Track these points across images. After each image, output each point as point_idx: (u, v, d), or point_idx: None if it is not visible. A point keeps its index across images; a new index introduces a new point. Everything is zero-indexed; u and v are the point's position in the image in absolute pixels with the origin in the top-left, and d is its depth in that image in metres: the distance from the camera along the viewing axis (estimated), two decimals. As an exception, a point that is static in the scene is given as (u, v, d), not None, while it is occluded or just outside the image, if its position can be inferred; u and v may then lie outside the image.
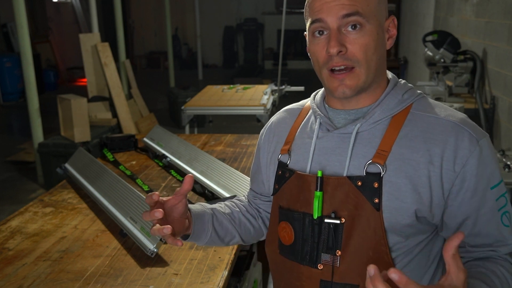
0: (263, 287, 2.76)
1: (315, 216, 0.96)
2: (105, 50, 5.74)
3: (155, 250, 1.51)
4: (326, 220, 0.95)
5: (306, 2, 0.97)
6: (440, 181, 0.91)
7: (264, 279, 2.74)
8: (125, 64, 6.61)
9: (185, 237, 1.07)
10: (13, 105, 8.40)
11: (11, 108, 8.23)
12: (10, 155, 5.53)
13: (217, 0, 11.90)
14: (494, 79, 3.68)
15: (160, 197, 0.96)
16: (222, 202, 1.20)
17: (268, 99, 4.38)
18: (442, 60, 3.90)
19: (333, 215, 0.96)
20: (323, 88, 1.08)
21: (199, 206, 1.11)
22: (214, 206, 1.15)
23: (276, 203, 1.07)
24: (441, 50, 3.88)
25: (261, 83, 7.36)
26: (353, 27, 0.91)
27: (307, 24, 0.97)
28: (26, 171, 5.15)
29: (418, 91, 1.01)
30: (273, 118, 1.18)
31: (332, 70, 0.93)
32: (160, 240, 1.52)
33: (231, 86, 5.06)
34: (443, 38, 3.93)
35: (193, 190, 2.09)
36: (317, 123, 1.03)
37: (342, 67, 0.92)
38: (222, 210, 1.15)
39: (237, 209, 1.18)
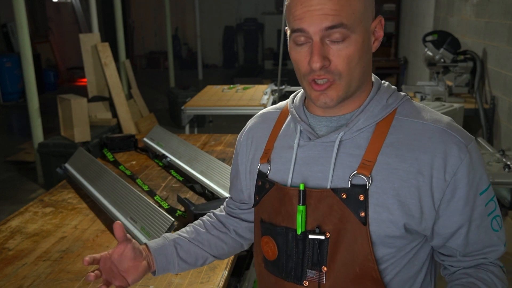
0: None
1: (299, 232, 0.91)
2: (105, 50, 5.74)
3: (155, 250, 1.51)
4: (310, 236, 0.90)
5: (285, 2, 0.91)
6: (430, 191, 0.87)
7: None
8: (125, 64, 6.61)
9: (153, 273, 1.08)
10: (13, 105, 8.40)
11: (11, 108, 8.23)
12: (10, 155, 5.53)
13: (217, 0, 11.90)
14: (494, 79, 3.68)
15: (103, 253, 0.98)
16: (188, 226, 1.16)
17: (268, 99, 4.39)
18: (442, 60, 3.90)
19: (317, 230, 0.90)
20: (302, 91, 1.03)
21: (161, 240, 1.09)
22: (177, 234, 1.12)
23: (258, 216, 1.02)
24: (441, 50, 3.88)
25: (261, 83, 7.36)
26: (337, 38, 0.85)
27: (288, 31, 0.91)
28: (26, 171, 5.15)
29: (402, 93, 0.96)
30: (250, 122, 1.12)
31: (314, 80, 0.88)
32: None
33: (231, 86, 5.06)
34: (443, 38, 3.93)
35: (193, 190, 2.09)
36: (297, 132, 0.97)
37: (325, 80, 0.87)
38: (186, 236, 1.12)
39: (203, 230, 1.14)
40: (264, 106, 4.13)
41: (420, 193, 0.87)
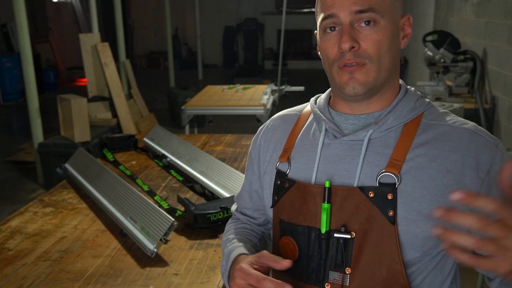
0: (263, 287, 2.76)
1: (323, 231, 0.88)
2: (105, 50, 5.74)
3: (155, 250, 1.51)
4: (335, 235, 0.88)
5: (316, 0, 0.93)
6: (461, 189, 0.83)
7: (264, 279, 2.74)
8: (125, 64, 6.61)
9: None
10: (13, 105, 8.40)
11: (11, 108, 8.23)
12: (10, 155, 5.53)
13: (217, 0, 11.90)
14: (494, 79, 3.68)
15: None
16: (244, 240, 1.09)
17: (268, 99, 4.38)
18: (442, 60, 3.90)
19: (342, 229, 0.88)
20: (326, 92, 1.03)
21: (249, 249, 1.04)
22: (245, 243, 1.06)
23: (276, 216, 0.99)
24: (441, 50, 3.88)
25: (261, 83, 7.36)
26: (366, 22, 0.87)
27: (318, 21, 0.92)
28: (26, 171, 5.15)
29: (427, 100, 0.97)
30: (267, 124, 1.10)
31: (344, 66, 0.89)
32: (160, 240, 1.52)
33: (231, 86, 5.06)
34: (443, 38, 3.93)
35: (193, 190, 2.09)
36: (322, 129, 0.96)
37: (354, 63, 0.87)
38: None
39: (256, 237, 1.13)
40: (264, 106, 4.13)
41: (450, 192, 0.84)
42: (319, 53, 0.95)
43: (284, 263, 0.86)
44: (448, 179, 0.86)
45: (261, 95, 4.57)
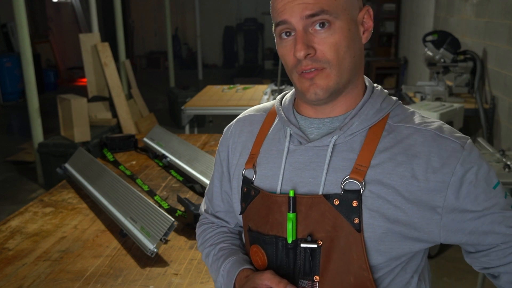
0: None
1: (290, 240, 0.87)
2: (105, 50, 5.74)
3: (155, 250, 1.51)
4: (302, 245, 0.86)
5: (270, 1, 0.90)
6: (426, 194, 0.83)
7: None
8: (125, 64, 6.61)
9: None
10: (13, 105, 8.40)
11: (11, 108, 8.23)
12: (10, 155, 5.53)
13: (217, 0, 11.90)
14: (494, 79, 3.68)
15: None
16: (234, 245, 1.06)
17: (268, 99, 4.38)
18: (442, 60, 3.90)
19: (309, 238, 0.86)
20: (291, 93, 1.01)
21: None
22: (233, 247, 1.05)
23: (246, 223, 0.97)
24: (441, 50, 3.88)
25: (261, 83, 7.36)
26: (321, 25, 0.82)
27: (273, 27, 0.89)
28: (26, 171, 5.15)
29: (394, 98, 0.93)
30: (232, 126, 1.07)
31: (302, 72, 0.85)
32: (160, 240, 1.52)
33: (231, 86, 5.07)
34: (443, 38, 3.93)
35: (193, 190, 2.09)
36: (287, 135, 0.93)
37: (313, 69, 0.84)
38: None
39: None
40: (264, 106, 4.12)
41: (415, 197, 0.84)
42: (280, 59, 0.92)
43: None
44: (413, 185, 0.84)
45: (261, 95, 4.57)
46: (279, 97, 1.02)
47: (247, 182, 0.96)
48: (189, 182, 2.17)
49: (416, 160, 0.84)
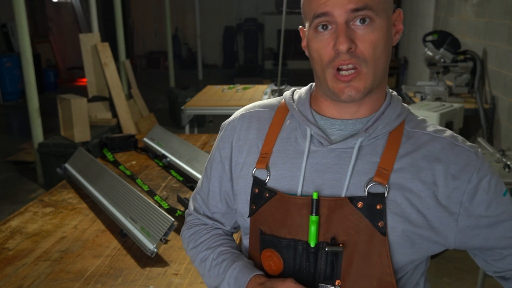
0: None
1: (312, 244, 0.85)
2: (105, 50, 5.74)
3: (155, 250, 1.51)
4: (327, 248, 0.84)
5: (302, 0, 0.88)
6: (445, 200, 0.85)
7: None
8: (125, 64, 6.61)
9: None
10: (13, 105, 8.40)
11: (11, 108, 8.23)
12: (10, 155, 5.53)
13: (217, 0, 11.91)
14: (494, 79, 3.68)
15: None
16: (232, 248, 1.02)
17: (268, 99, 4.38)
18: (442, 60, 3.90)
19: (333, 242, 0.85)
20: (305, 89, 0.98)
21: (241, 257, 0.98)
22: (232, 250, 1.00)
23: (255, 226, 0.93)
24: (441, 50, 3.88)
25: (261, 83, 7.36)
26: (362, 21, 0.82)
27: (309, 19, 0.86)
28: (26, 171, 5.15)
29: (405, 105, 0.94)
30: (234, 122, 1.00)
31: (338, 70, 0.83)
32: (160, 240, 1.52)
33: (231, 86, 5.06)
34: (443, 38, 3.93)
35: (193, 190, 2.09)
36: (307, 136, 0.90)
37: (350, 65, 0.82)
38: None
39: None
40: (264, 106, 4.12)
41: (436, 203, 0.85)
42: (306, 52, 0.90)
43: None
44: (434, 191, 0.85)
45: (261, 95, 4.57)
46: (287, 94, 0.99)
47: (259, 183, 0.92)
48: (189, 182, 2.17)
49: (436, 166, 0.85)
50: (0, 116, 7.75)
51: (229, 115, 1.05)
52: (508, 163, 2.55)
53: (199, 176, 2.15)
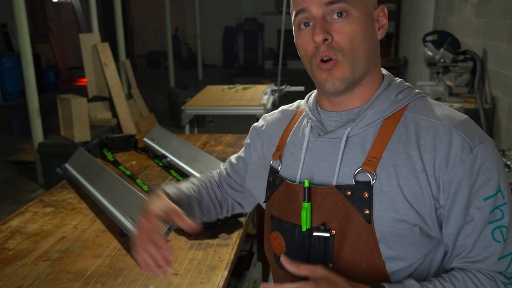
0: (263, 287, 2.76)
1: (304, 229, 0.91)
2: (105, 50, 5.74)
3: (155, 250, 1.51)
4: (315, 233, 0.90)
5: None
6: (431, 191, 0.85)
7: (264, 279, 2.74)
8: (125, 64, 6.61)
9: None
10: (13, 105, 8.40)
11: (11, 108, 8.23)
12: (10, 155, 5.53)
13: (217, 0, 11.91)
14: (494, 79, 3.68)
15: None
16: (193, 185, 1.22)
17: (268, 99, 4.38)
18: (442, 60, 3.90)
19: (322, 227, 0.90)
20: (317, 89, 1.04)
21: (186, 199, 1.14)
22: (191, 192, 1.17)
23: (268, 211, 1.03)
24: (441, 50, 3.88)
25: (261, 83, 7.36)
26: (338, 14, 0.86)
27: (292, 18, 0.93)
28: (26, 171, 5.15)
29: (416, 91, 0.95)
30: (267, 117, 1.13)
31: (321, 62, 0.88)
32: (160, 240, 1.52)
33: (231, 86, 5.06)
34: (443, 38, 3.93)
35: (193, 190, 2.09)
36: (308, 127, 0.98)
37: (327, 57, 0.87)
38: (197, 197, 1.18)
39: (208, 193, 1.22)
40: (264, 106, 4.13)
41: (423, 192, 0.85)
42: (298, 51, 0.94)
43: (189, 224, 0.96)
44: (423, 179, 0.85)
45: (261, 95, 4.57)
46: (307, 95, 1.07)
47: (273, 172, 1.02)
48: (189, 182, 2.17)
49: (426, 155, 0.86)
50: (0, 116, 7.75)
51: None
52: (508, 163, 2.55)
53: (199, 176, 2.15)
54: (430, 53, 3.96)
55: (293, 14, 0.91)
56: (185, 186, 1.19)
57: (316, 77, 0.91)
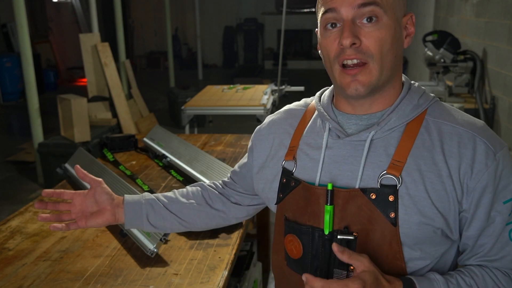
0: (263, 287, 2.76)
1: (326, 232, 0.89)
2: (105, 50, 5.74)
3: (155, 250, 1.51)
4: (339, 236, 0.89)
5: None
6: (456, 196, 0.86)
7: (264, 279, 2.74)
8: (125, 64, 6.61)
9: (123, 225, 1.15)
10: (13, 105, 8.40)
11: (11, 108, 8.23)
12: (10, 155, 5.53)
13: (217, 0, 11.91)
14: (494, 79, 3.68)
15: (79, 191, 1.14)
16: (172, 192, 1.21)
17: (268, 99, 4.39)
18: (442, 60, 3.90)
19: (345, 230, 0.89)
20: (329, 88, 1.02)
21: (138, 197, 1.15)
22: (155, 196, 1.16)
23: (281, 213, 1.00)
24: (441, 50, 3.88)
25: (261, 83, 7.36)
26: (368, 19, 0.84)
27: (319, 16, 0.89)
28: (26, 171, 5.15)
29: (432, 95, 0.95)
30: (272, 117, 1.10)
31: (344, 66, 0.87)
32: (160, 240, 1.52)
33: (231, 86, 5.06)
34: (443, 38, 3.93)
35: (193, 190, 2.09)
36: (326, 129, 0.95)
37: (355, 60, 0.85)
38: (164, 201, 1.17)
39: (183, 199, 1.19)
40: (264, 106, 4.13)
41: (449, 197, 0.86)
42: (319, 51, 0.93)
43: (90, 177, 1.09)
44: (448, 184, 0.86)
45: (261, 95, 4.57)
46: (318, 94, 1.04)
47: (287, 173, 0.99)
48: (189, 182, 2.17)
49: (450, 161, 0.86)
50: (0, 116, 7.75)
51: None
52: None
53: (199, 176, 2.15)
54: (430, 53, 3.96)
55: (320, 12, 0.88)
56: (152, 196, 1.19)
57: (336, 80, 0.89)
